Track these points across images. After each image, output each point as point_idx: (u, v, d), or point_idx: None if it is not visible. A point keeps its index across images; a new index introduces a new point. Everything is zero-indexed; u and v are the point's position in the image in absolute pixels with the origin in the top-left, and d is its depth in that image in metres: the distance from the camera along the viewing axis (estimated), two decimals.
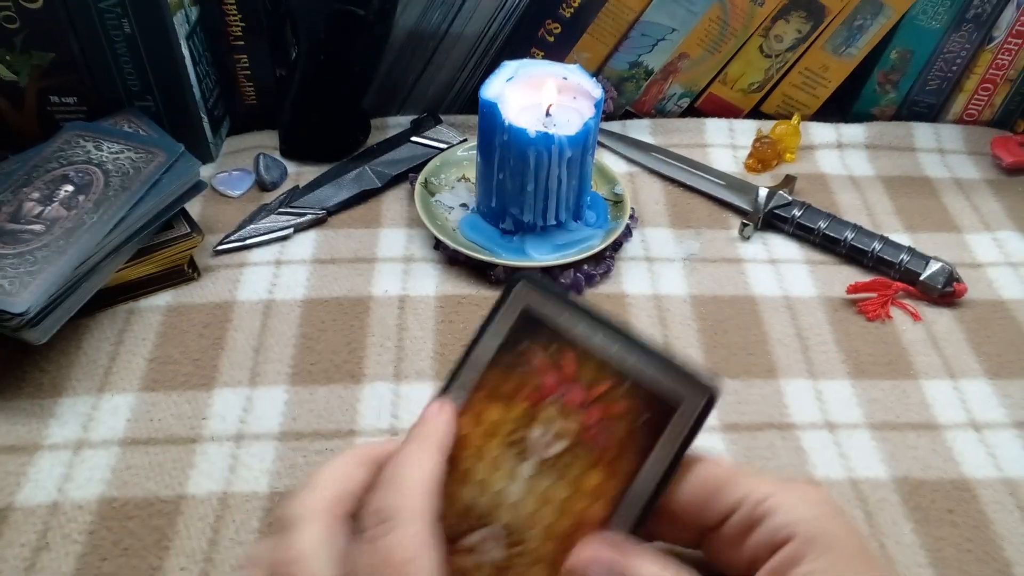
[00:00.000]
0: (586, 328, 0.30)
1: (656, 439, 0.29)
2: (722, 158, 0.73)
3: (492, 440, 0.30)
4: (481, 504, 0.29)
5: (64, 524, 0.45)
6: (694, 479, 0.29)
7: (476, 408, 0.30)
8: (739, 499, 0.28)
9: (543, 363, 0.30)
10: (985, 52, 0.73)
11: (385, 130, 0.73)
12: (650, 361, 0.29)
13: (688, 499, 0.28)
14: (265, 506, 0.46)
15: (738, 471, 0.28)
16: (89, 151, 0.57)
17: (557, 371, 0.30)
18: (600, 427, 0.29)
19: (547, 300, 0.30)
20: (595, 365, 0.29)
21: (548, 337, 0.30)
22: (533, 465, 0.29)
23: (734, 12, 0.71)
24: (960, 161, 0.74)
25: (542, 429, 0.30)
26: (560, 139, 0.55)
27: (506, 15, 0.70)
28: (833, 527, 0.26)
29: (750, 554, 0.27)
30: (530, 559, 0.29)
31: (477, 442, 0.30)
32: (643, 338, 0.30)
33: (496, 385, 0.30)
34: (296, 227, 0.63)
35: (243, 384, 0.53)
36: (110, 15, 0.59)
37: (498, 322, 0.30)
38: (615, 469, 0.29)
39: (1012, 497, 0.48)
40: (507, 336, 0.30)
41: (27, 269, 0.49)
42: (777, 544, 0.26)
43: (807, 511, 0.27)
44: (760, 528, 0.27)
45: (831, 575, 0.25)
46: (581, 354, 0.30)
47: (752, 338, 0.57)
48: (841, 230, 0.63)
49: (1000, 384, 0.55)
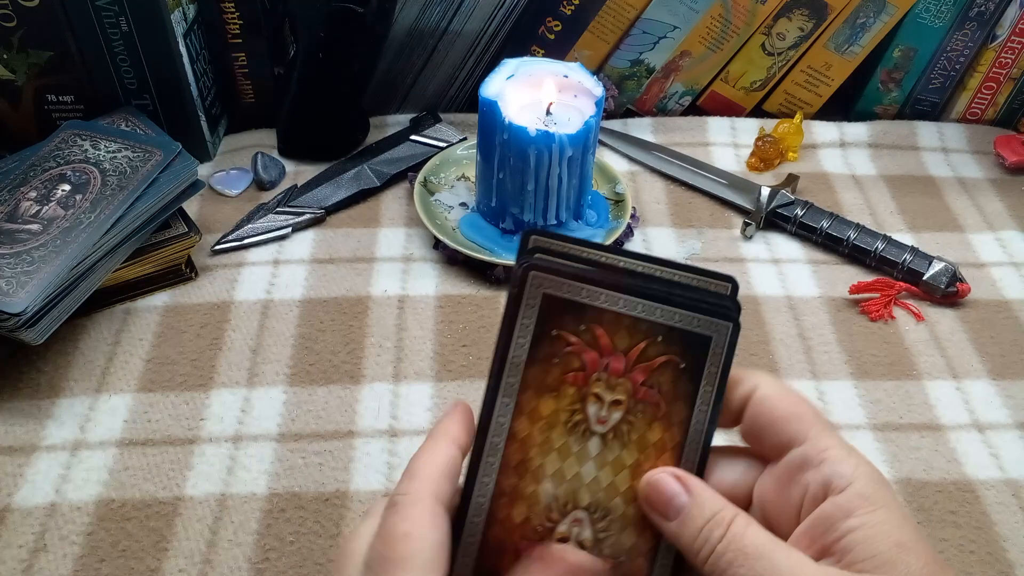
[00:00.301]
0: (608, 297, 0.30)
1: (699, 379, 0.30)
2: (724, 157, 0.72)
3: (553, 431, 0.30)
4: (562, 494, 0.30)
5: (62, 526, 0.45)
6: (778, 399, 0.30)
7: (528, 408, 0.31)
8: (808, 437, 0.29)
9: (577, 344, 0.30)
10: (988, 51, 0.72)
11: (384, 129, 0.73)
12: (674, 308, 0.30)
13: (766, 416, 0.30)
14: (263, 507, 0.46)
15: (817, 414, 0.30)
16: (86, 150, 0.57)
17: (593, 347, 0.30)
18: (648, 385, 0.31)
19: (562, 281, 0.30)
20: (626, 329, 0.30)
21: (574, 317, 0.30)
22: (598, 441, 0.31)
23: (736, 10, 0.71)
24: (963, 160, 0.73)
25: (596, 405, 0.31)
26: (561, 138, 0.55)
27: (506, 12, 0.70)
28: (886, 492, 0.28)
29: (799, 494, 0.28)
30: (619, 526, 0.30)
31: (540, 438, 0.31)
32: (662, 280, 0.31)
33: (540, 380, 0.31)
34: (294, 226, 0.63)
35: (241, 385, 0.52)
36: (107, 13, 0.59)
37: (523, 317, 0.30)
38: (671, 419, 0.31)
39: (1015, 498, 0.48)
40: (535, 329, 0.30)
41: (24, 269, 0.49)
42: (831, 489, 0.27)
43: (867, 470, 0.28)
44: (818, 469, 0.28)
45: (880, 529, 0.26)
46: (610, 324, 0.30)
47: (754, 338, 0.57)
48: (844, 229, 0.62)
49: (1003, 385, 0.54)
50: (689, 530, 0.28)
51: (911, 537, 0.26)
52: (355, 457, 0.49)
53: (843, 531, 0.26)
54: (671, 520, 0.29)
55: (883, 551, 0.26)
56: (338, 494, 0.47)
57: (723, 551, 0.27)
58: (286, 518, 0.46)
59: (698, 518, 0.28)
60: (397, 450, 0.49)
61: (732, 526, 0.27)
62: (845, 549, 0.26)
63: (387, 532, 0.27)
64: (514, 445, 0.30)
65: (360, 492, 0.47)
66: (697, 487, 0.29)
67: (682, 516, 0.28)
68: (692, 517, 0.28)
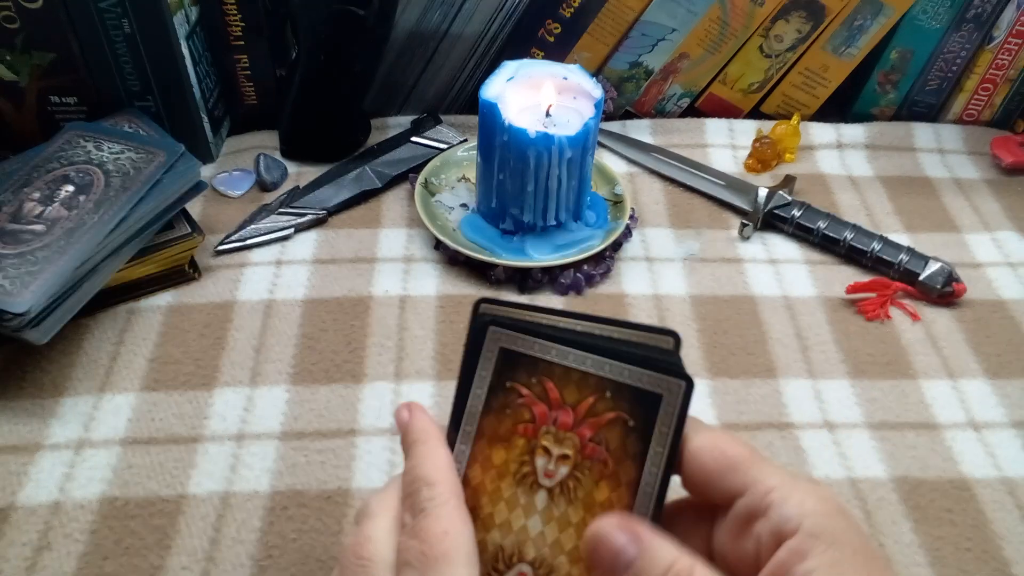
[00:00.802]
0: (558, 351, 0.31)
1: (649, 439, 0.30)
2: (722, 158, 0.73)
3: (503, 481, 0.31)
4: (508, 544, 0.30)
5: (66, 523, 0.45)
6: (709, 451, 0.29)
7: (481, 456, 0.31)
8: (748, 483, 0.28)
9: (529, 396, 0.31)
10: (985, 52, 0.73)
11: (385, 130, 0.73)
12: (623, 365, 0.30)
13: (700, 471, 0.29)
14: (266, 505, 0.46)
15: (751, 455, 0.29)
16: (89, 151, 0.57)
17: (543, 400, 0.31)
18: (595, 441, 0.30)
19: (516, 335, 0.31)
20: (575, 384, 0.31)
21: (528, 370, 0.31)
22: (545, 495, 0.31)
23: (734, 12, 0.71)
24: (960, 161, 0.74)
25: (544, 458, 0.31)
26: (560, 139, 0.55)
27: (506, 15, 0.70)
28: (838, 524, 0.27)
29: (754, 544, 0.28)
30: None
31: (490, 487, 0.31)
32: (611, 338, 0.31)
33: (493, 429, 0.31)
34: (297, 227, 0.63)
35: (244, 384, 0.53)
36: (110, 15, 0.59)
37: (480, 369, 0.31)
38: (619, 479, 0.30)
39: (1011, 496, 0.48)
40: (491, 380, 0.31)
41: (28, 269, 0.49)
42: (782, 536, 0.27)
43: (813, 506, 0.27)
44: (766, 518, 0.27)
45: (834, 571, 0.26)
46: (560, 377, 0.31)
47: (751, 338, 0.57)
48: (840, 230, 0.63)
49: (999, 384, 0.55)
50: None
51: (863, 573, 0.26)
52: (357, 455, 0.49)
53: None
54: (619, 572, 0.27)
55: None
56: (340, 492, 0.47)
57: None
58: (288, 516, 0.46)
59: (653, 571, 0.26)
60: (398, 448, 0.49)
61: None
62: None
63: (425, 533, 0.28)
64: (468, 491, 0.30)
65: (362, 490, 0.47)
66: (647, 537, 0.27)
67: (635, 571, 0.26)
68: (646, 571, 0.26)
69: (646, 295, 0.60)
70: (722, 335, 0.57)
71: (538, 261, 0.59)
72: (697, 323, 0.58)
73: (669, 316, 0.58)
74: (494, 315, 0.32)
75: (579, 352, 0.31)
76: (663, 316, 0.58)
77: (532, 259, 0.59)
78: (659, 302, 0.59)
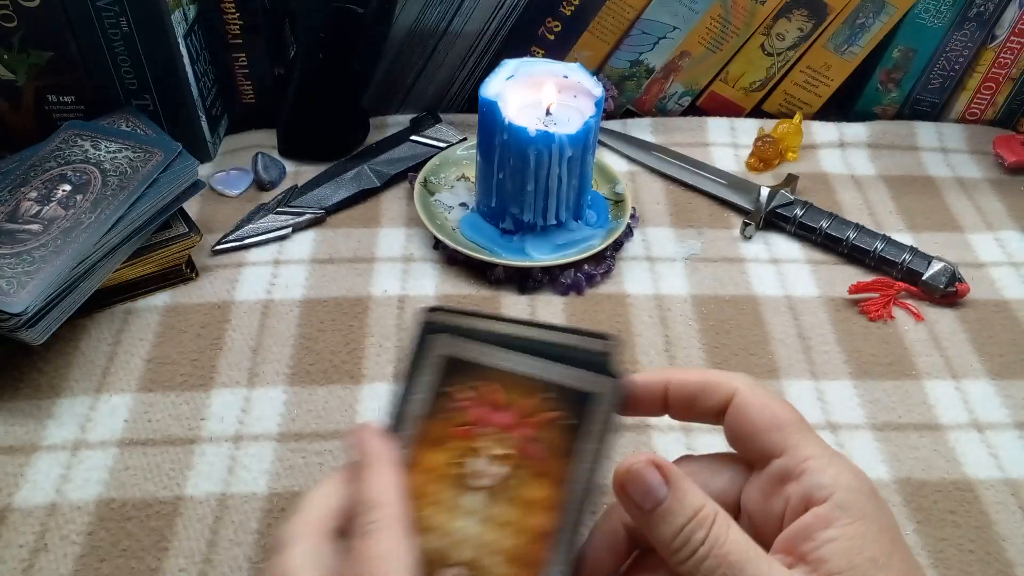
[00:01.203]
0: (500, 355, 0.32)
1: (586, 436, 0.31)
2: (723, 157, 0.72)
3: (441, 484, 0.31)
4: (444, 547, 0.30)
5: (62, 525, 0.45)
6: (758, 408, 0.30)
7: (420, 459, 0.31)
8: (789, 446, 0.29)
9: (471, 400, 0.32)
10: (987, 51, 0.73)
11: (384, 129, 0.73)
12: (561, 366, 0.32)
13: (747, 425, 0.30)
14: (264, 507, 0.46)
15: (799, 422, 0.29)
16: (87, 150, 0.57)
17: (485, 403, 0.32)
18: (535, 441, 0.31)
19: (457, 341, 0.32)
20: (517, 387, 0.32)
21: (470, 375, 0.32)
22: (482, 496, 0.31)
23: (735, 10, 0.71)
24: (962, 160, 0.74)
25: (484, 460, 0.31)
26: (560, 138, 0.55)
27: (506, 13, 0.70)
28: (868, 502, 0.27)
29: (782, 505, 0.28)
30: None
31: (428, 490, 0.31)
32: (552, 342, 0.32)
33: (434, 433, 0.32)
34: (295, 227, 0.63)
35: (241, 384, 0.52)
36: (108, 13, 0.59)
37: (420, 375, 0.32)
38: (556, 475, 0.30)
39: (1014, 498, 0.48)
40: (433, 385, 0.32)
41: (24, 269, 0.49)
42: (811, 502, 0.27)
43: (848, 480, 0.28)
44: (799, 481, 0.28)
45: (856, 543, 0.26)
46: (501, 381, 0.32)
47: (754, 338, 0.57)
48: (843, 230, 0.62)
49: (1002, 384, 0.55)
50: (670, 528, 0.27)
51: (885, 551, 0.26)
52: None
53: (820, 541, 0.27)
54: (646, 510, 0.27)
55: (857, 564, 0.26)
56: None
57: (704, 555, 0.26)
58: (286, 517, 0.46)
59: (679, 515, 0.27)
60: None
61: (714, 527, 0.27)
62: (820, 560, 0.26)
63: (364, 556, 0.27)
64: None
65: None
66: (678, 480, 0.28)
67: (661, 511, 0.27)
68: (672, 513, 0.27)
69: (647, 295, 0.59)
70: (724, 335, 0.57)
71: (538, 261, 0.59)
72: (699, 323, 0.58)
73: (670, 316, 0.58)
74: (437, 323, 0.33)
75: (519, 356, 0.32)
76: (664, 316, 0.58)
77: (532, 259, 0.59)
78: (660, 302, 0.59)
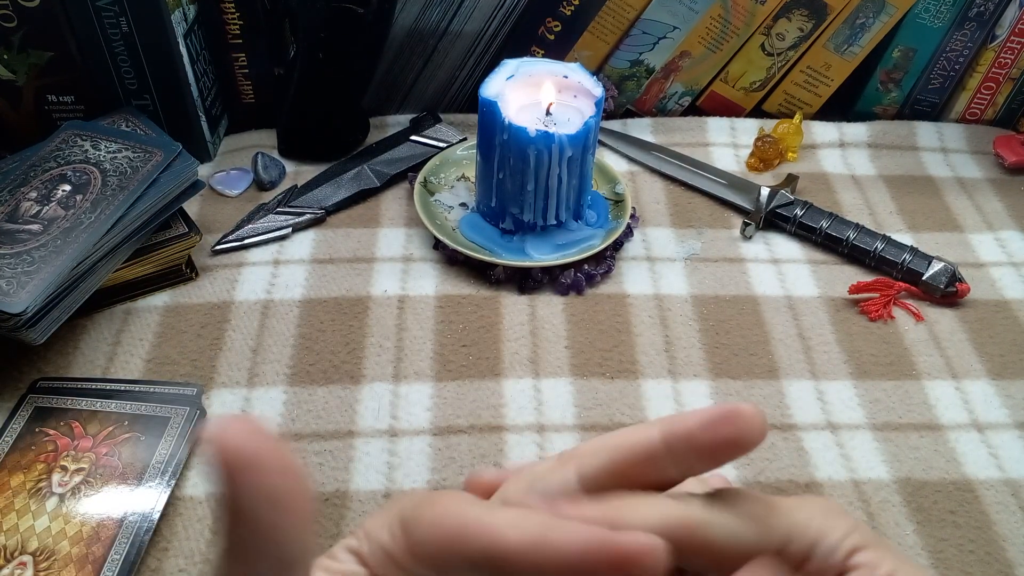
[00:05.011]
0: (86, 402, 0.48)
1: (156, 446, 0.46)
2: (724, 157, 0.72)
3: (18, 497, 0.43)
4: (12, 544, 0.41)
5: None
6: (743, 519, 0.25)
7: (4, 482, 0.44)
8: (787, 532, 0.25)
9: (55, 434, 0.46)
10: (988, 51, 0.72)
11: (384, 129, 0.73)
12: (139, 403, 0.48)
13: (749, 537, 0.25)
14: None
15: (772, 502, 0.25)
16: (87, 150, 0.57)
17: (68, 435, 0.46)
18: (110, 455, 0.45)
19: (51, 396, 0.48)
20: (98, 420, 0.47)
21: (57, 418, 0.47)
22: (56, 500, 0.43)
23: (736, 10, 0.71)
24: (963, 160, 0.73)
25: (60, 474, 0.44)
26: (560, 138, 0.55)
27: (506, 13, 0.70)
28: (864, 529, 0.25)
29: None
30: (61, 564, 0.41)
31: (5, 504, 0.43)
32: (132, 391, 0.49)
33: (16, 463, 0.45)
34: (294, 227, 0.63)
35: (241, 385, 0.52)
36: (108, 13, 0.59)
37: (13, 423, 0.47)
38: (129, 475, 0.45)
39: (1014, 498, 0.48)
40: (22, 430, 0.47)
41: (24, 269, 0.49)
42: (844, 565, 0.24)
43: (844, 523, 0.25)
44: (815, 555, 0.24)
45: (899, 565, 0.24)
46: (85, 418, 0.47)
47: (754, 338, 0.57)
48: (843, 230, 0.62)
49: (1003, 385, 0.54)
50: None
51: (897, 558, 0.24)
52: (355, 457, 0.49)
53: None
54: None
55: None
56: (338, 494, 0.47)
57: None
58: None
59: None
60: (397, 450, 0.49)
61: None
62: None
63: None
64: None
65: (360, 492, 0.47)
66: None
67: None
68: None
69: (647, 295, 0.59)
70: (724, 335, 0.57)
71: (538, 261, 0.59)
72: (699, 323, 0.57)
73: (670, 316, 0.58)
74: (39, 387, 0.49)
75: (103, 400, 0.48)
76: (664, 316, 0.58)
77: (532, 259, 0.59)
78: (660, 302, 0.59)
